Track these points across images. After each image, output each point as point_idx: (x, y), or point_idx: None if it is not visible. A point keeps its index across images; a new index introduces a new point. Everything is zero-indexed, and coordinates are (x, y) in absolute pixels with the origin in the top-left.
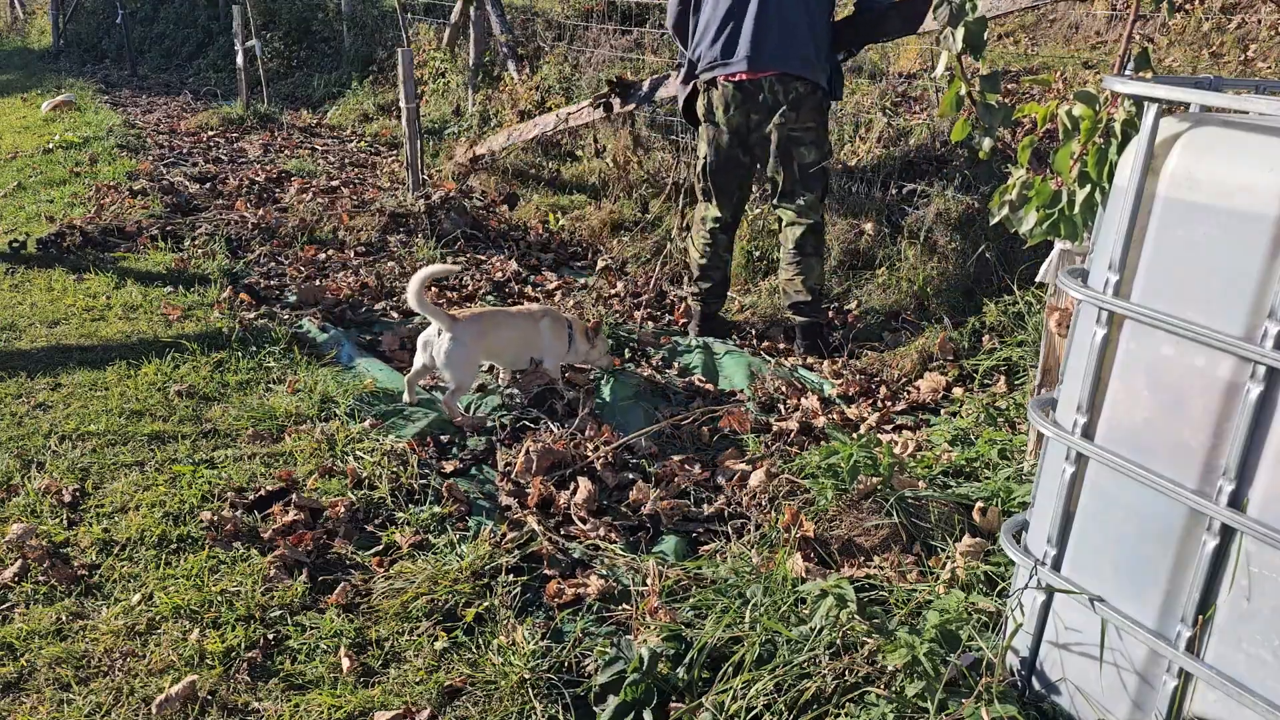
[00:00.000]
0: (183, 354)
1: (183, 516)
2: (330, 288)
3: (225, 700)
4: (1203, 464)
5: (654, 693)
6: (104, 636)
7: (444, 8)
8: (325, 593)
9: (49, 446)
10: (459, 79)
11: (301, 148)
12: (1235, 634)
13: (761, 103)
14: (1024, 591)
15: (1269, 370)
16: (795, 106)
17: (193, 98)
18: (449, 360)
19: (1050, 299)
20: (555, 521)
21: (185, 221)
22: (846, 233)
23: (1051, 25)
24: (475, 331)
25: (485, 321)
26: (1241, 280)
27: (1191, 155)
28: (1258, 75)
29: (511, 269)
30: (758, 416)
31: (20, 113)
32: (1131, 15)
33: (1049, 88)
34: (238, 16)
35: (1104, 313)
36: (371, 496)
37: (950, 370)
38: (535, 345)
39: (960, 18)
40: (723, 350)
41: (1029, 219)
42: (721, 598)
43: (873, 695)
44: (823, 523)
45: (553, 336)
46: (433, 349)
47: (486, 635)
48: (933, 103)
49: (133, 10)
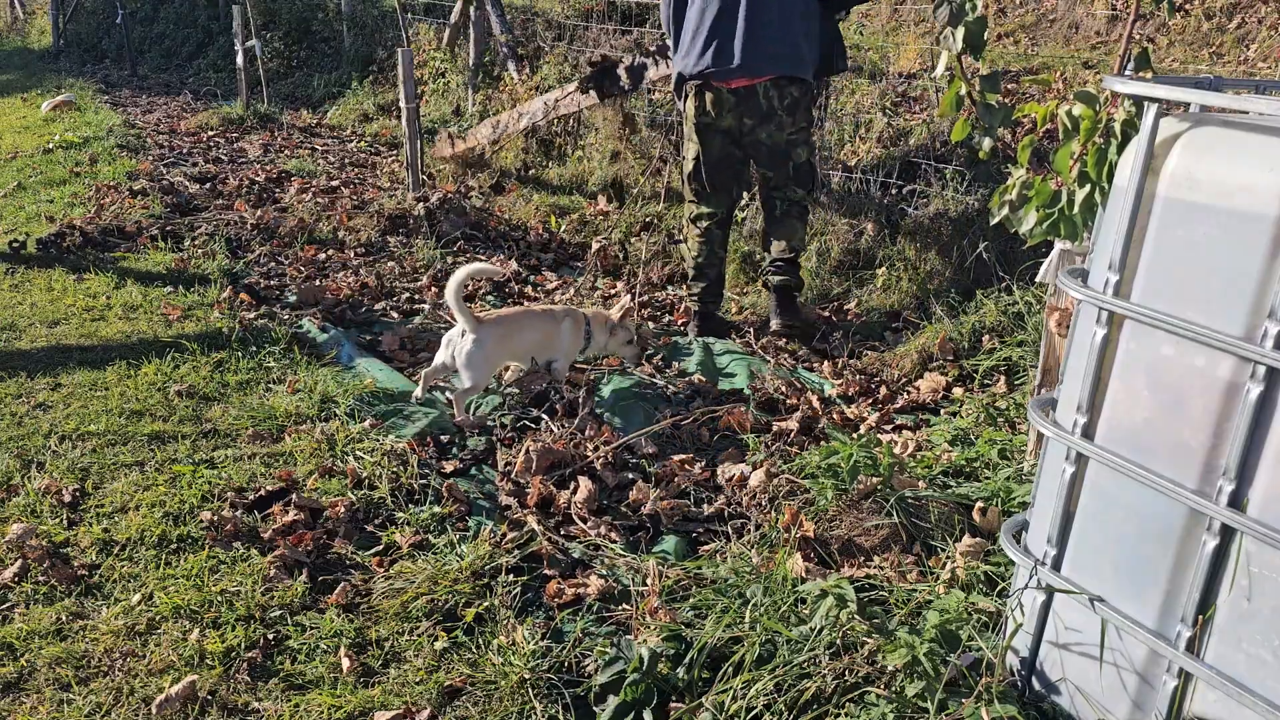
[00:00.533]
0: (183, 354)
1: (183, 516)
2: (330, 288)
3: (225, 700)
4: (1203, 464)
5: (654, 693)
6: (104, 636)
7: (444, 8)
8: (325, 593)
9: (49, 446)
10: (459, 79)
11: (301, 148)
12: (1235, 634)
13: (756, 108)
14: (1024, 591)
15: (1269, 370)
16: (791, 111)
17: (193, 98)
18: (469, 361)
19: (1050, 299)
20: (555, 521)
21: (185, 221)
22: (846, 233)
23: (1051, 25)
24: (499, 334)
25: (508, 324)
26: (1241, 280)
27: (1191, 155)
28: (1258, 75)
29: (511, 269)
30: (758, 416)
31: (20, 113)
32: (1131, 15)
33: (1049, 88)
34: (238, 16)
35: (1104, 313)
36: (371, 496)
37: (950, 370)
38: (555, 345)
39: (960, 18)
40: (723, 350)
41: (1029, 219)
42: (721, 598)
43: (873, 695)
44: (823, 523)
45: (571, 337)
46: (454, 348)
47: (486, 635)
48: (933, 103)
49: (133, 10)
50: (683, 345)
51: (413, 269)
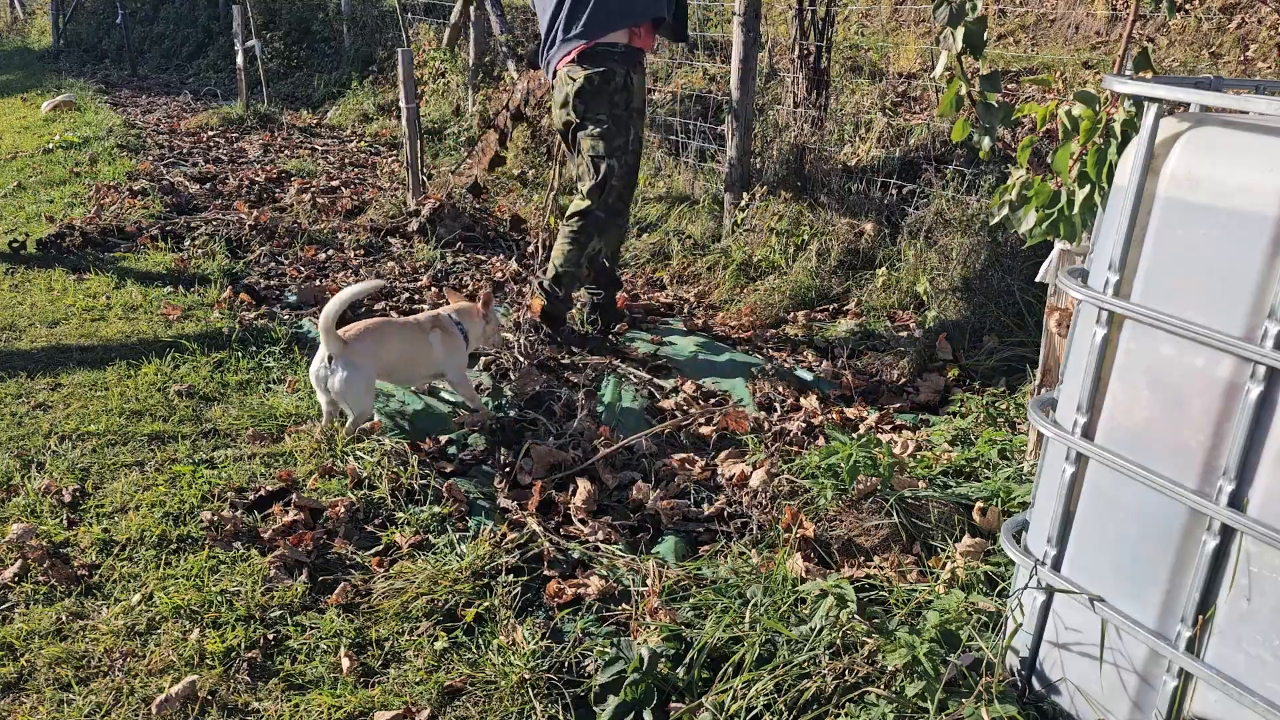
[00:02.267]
0: (183, 354)
1: (183, 516)
2: (330, 288)
3: (225, 700)
4: (1203, 464)
5: (654, 693)
6: (104, 636)
7: (444, 8)
8: (325, 593)
9: (49, 446)
10: (459, 79)
11: (301, 148)
12: (1235, 634)
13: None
14: (1024, 591)
15: (1269, 370)
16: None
17: (193, 98)
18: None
19: (1050, 299)
20: (555, 522)
21: (185, 221)
22: (846, 233)
23: (1051, 25)
24: (369, 350)
25: (373, 336)
26: (1241, 280)
27: (1191, 155)
28: (1258, 75)
29: (511, 269)
30: (757, 416)
31: (20, 113)
32: (1131, 15)
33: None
34: (238, 16)
35: (1104, 313)
36: (371, 496)
37: (950, 370)
38: (429, 359)
39: (960, 18)
40: (722, 351)
41: (1029, 219)
42: (721, 598)
43: (873, 695)
44: (823, 523)
45: (445, 345)
46: (327, 384)
47: (486, 635)
48: (933, 103)
49: (133, 10)
50: (680, 345)
51: (413, 269)
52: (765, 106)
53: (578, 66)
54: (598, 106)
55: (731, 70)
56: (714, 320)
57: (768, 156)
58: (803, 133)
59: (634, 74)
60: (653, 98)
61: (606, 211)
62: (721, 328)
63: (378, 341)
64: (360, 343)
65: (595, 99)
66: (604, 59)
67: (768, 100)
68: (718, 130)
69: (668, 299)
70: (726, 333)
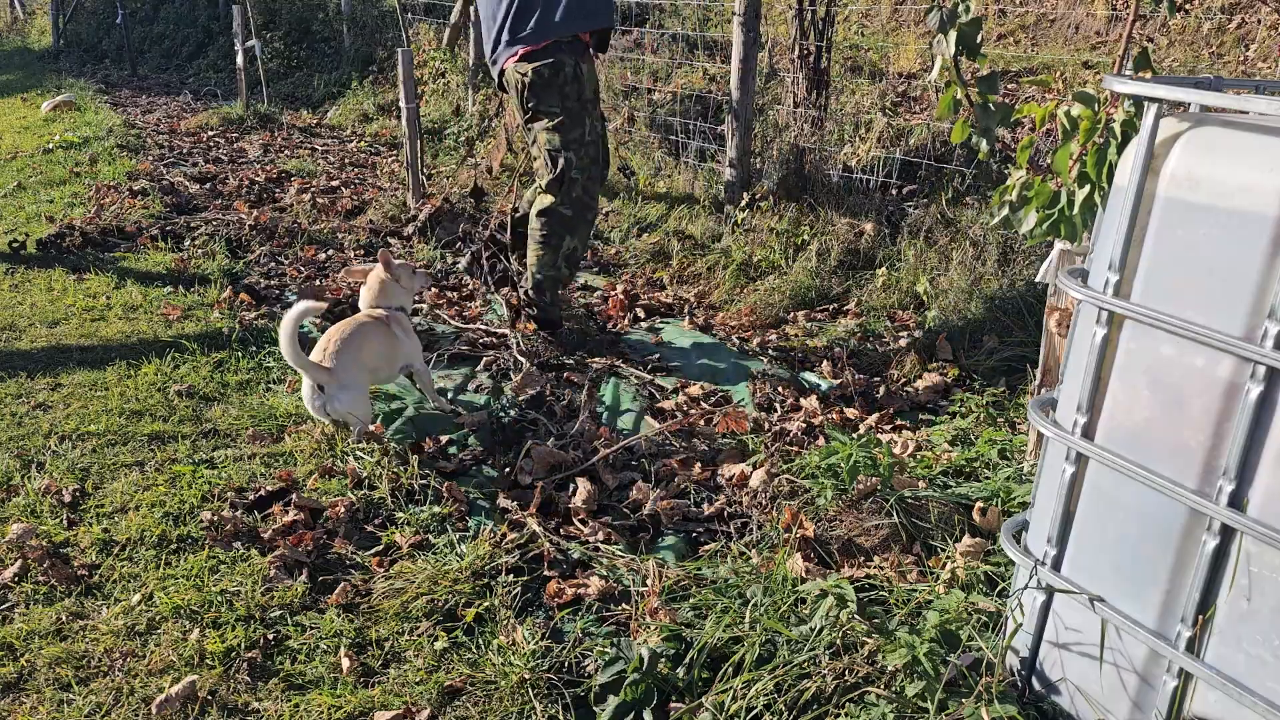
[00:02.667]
0: (183, 354)
1: (183, 516)
2: (330, 288)
3: (225, 700)
4: (1203, 464)
5: (654, 693)
6: (104, 636)
7: (444, 8)
8: (325, 593)
9: (49, 446)
10: (459, 79)
11: (301, 148)
12: (1235, 634)
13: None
14: (1024, 591)
15: (1269, 370)
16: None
17: (193, 98)
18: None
19: (1050, 299)
20: (555, 522)
21: (185, 221)
22: (846, 233)
23: (1051, 25)
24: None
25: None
26: (1241, 280)
27: (1191, 155)
28: (1258, 75)
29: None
30: (757, 417)
31: (20, 113)
32: (1131, 15)
33: (1049, 88)
34: (238, 16)
35: (1104, 313)
36: (371, 496)
37: (950, 370)
38: (397, 350)
39: (951, 23)
40: (722, 351)
41: (1029, 219)
42: (721, 598)
43: (873, 695)
44: (823, 523)
45: (406, 331)
46: (326, 406)
47: (486, 635)
48: (933, 103)
49: (133, 10)
50: (679, 345)
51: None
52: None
53: (524, 63)
54: (549, 99)
55: (731, 70)
56: (714, 320)
57: (768, 156)
58: (803, 133)
59: (583, 63)
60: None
61: (573, 207)
62: (722, 328)
63: (356, 351)
64: (342, 362)
65: (546, 91)
66: (551, 51)
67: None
68: (718, 130)
69: (668, 299)
70: (727, 333)
